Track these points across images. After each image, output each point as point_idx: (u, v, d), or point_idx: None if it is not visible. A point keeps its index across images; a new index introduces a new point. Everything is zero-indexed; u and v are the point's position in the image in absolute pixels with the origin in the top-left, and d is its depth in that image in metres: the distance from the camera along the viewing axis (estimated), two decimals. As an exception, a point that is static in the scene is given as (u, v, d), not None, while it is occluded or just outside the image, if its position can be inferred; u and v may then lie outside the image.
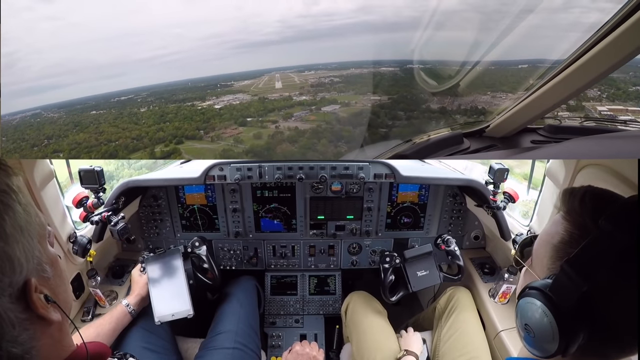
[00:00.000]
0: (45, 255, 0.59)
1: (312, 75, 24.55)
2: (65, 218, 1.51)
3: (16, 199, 0.55)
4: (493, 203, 1.63)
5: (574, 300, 0.57)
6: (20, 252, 0.54)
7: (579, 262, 0.58)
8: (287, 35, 68.57)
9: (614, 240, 0.55)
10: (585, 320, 0.58)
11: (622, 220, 0.56)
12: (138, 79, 41.72)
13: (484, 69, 13.61)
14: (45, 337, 0.57)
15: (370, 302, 1.73)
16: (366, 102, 18.53)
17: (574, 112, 11.19)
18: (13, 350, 0.52)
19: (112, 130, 18.78)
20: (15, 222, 0.54)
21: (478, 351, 1.47)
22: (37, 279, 0.56)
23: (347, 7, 51.82)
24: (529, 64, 14.40)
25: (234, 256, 2.01)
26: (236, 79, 26.36)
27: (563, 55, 1.22)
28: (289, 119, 18.49)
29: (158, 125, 18.75)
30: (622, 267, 0.56)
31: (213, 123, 18.69)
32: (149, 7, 70.60)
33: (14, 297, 0.52)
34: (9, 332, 0.51)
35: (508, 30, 6.86)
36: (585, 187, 0.64)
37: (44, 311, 0.56)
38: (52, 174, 1.39)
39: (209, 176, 1.72)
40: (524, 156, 1.68)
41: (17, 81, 47.29)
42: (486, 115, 1.77)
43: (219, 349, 1.43)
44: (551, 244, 0.64)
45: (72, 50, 53.70)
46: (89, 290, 1.62)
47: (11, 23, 57.16)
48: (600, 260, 0.56)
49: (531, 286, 0.64)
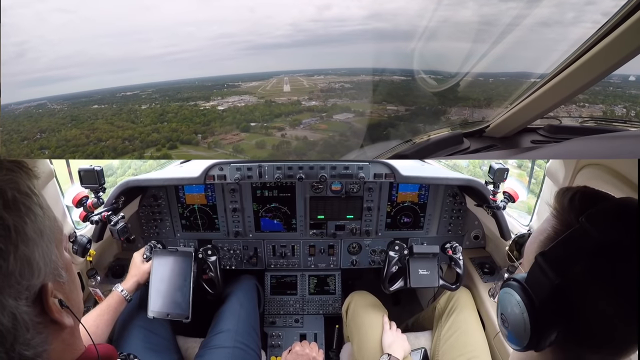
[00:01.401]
0: (62, 260, 0.60)
1: (322, 79, 23.35)
2: (65, 218, 1.51)
3: (37, 202, 0.55)
4: (493, 203, 1.63)
5: (546, 293, 0.57)
6: (40, 256, 0.54)
7: (553, 255, 0.58)
8: (298, 39, 68.42)
9: (590, 238, 0.55)
10: (558, 316, 0.57)
11: (602, 219, 0.56)
12: (147, 75, 41.52)
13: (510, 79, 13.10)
14: (57, 341, 0.58)
15: (372, 302, 1.73)
16: (382, 112, 16.52)
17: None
18: (25, 353, 0.52)
19: (105, 127, 17.41)
20: (36, 226, 0.54)
21: (478, 351, 1.48)
22: (53, 284, 0.56)
23: (359, 14, 51.64)
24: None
25: (234, 256, 2.01)
26: (244, 80, 25.27)
27: (563, 55, 1.22)
28: (297, 127, 16.81)
29: (155, 125, 17.29)
30: (595, 265, 0.55)
31: (213, 127, 17.02)
32: (161, 4, 70.36)
33: (30, 301, 0.52)
34: (23, 335, 0.51)
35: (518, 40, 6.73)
36: (580, 187, 0.64)
37: (58, 316, 0.56)
38: (52, 173, 1.39)
39: (208, 176, 1.72)
40: (524, 156, 1.68)
41: (27, 71, 47.10)
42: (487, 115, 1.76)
43: (219, 348, 1.43)
44: (539, 241, 0.65)
45: (82, 43, 53.35)
46: (89, 289, 1.62)
47: (22, 13, 56.82)
48: (574, 256, 0.56)
49: (512, 277, 0.65)
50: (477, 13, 19.69)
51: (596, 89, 13.99)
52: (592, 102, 14.55)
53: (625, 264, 0.54)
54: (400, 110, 15.98)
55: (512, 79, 15.11)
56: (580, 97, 12.43)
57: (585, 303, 0.57)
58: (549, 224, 0.64)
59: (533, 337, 0.59)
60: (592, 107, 14.11)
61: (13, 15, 40.24)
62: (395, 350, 1.44)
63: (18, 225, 0.51)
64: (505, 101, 1.53)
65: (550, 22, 15.82)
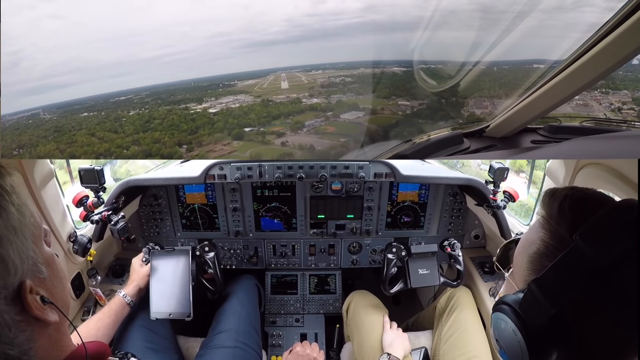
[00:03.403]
0: (41, 255, 0.59)
1: (320, 74, 21.77)
2: (66, 217, 1.51)
3: (9, 200, 0.54)
4: (493, 202, 1.64)
5: (543, 321, 0.55)
6: (15, 253, 0.53)
7: (547, 282, 0.54)
8: (294, 34, 67.93)
9: (586, 259, 0.51)
10: (556, 343, 0.55)
11: (597, 236, 0.52)
12: (143, 78, 40.89)
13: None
14: (42, 338, 0.57)
15: (372, 301, 1.73)
16: (395, 109, 14.33)
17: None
18: (10, 352, 0.52)
19: (84, 140, 15.38)
20: (9, 224, 0.53)
21: (478, 350, 1.48)
22: (33, 280, 0.56)
23: (354, 6, 51.16)
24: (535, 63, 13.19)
25: (234, 255, 2.01)
26: (240, 79, 23.84)
27: (563, 55, 1.22)
28: (299, 131, 14.29)
29: (137, 135, 15.10)
30: (594, 290, 0.52)
31: (201, 135, 14.54)
32: (153, 5, 70.01)
33: (9, 300, 0.52)
34: (5, 334, 0.51)
35: (518, 29, 6.57)
36: (568, 190, 0.59)
37: (39, 312, 0.55)
38: (52, 173, 1.39)
39: (209, 175, 1.72)
40: (524, 156, 1.68)
41: (23, 80, 46.53)
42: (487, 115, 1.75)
43: (220, 347, 1.43)
44: (528, 254, 0.61)
45: (77, 49, 52.74)
46: (89, 289, 1.62)
47: (14, 21, 56.35)
48: (570, 282, 0.52)
49: (504, 300, 0.61)
50: (474, 1, 19.20)
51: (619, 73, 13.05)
52: (615, 87, 13.75)
53: (625, 281, 0.52)
54: (414, 105, 13.94)
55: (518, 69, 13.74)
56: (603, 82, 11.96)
57: (584, 328, 0.54)
58: (538, 235, 0.60)
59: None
60: (617, 93, 13.57)
61: (5, 24, 39.74)
62: (395, 350, 1.44)
63: None
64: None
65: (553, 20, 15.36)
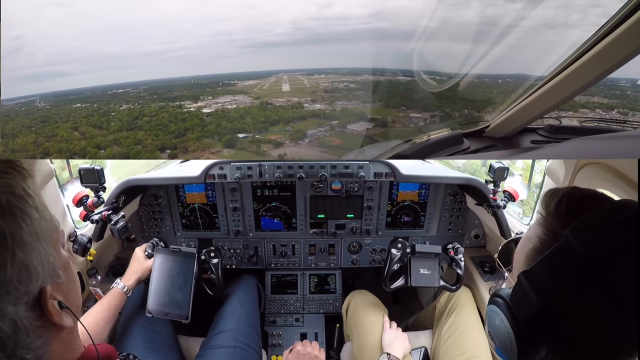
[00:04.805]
0: (59, 260, 0.59)
1: (323, 78, 21.13)
2: (66, 217, 1.51)
3: (32, 205, 0.54)
4: (493, 202, 1.64)
5: (531, 313, 0.55)
6: (37, 260, 0.53)
7: (535, 275, 0.55)
8: (298, 37, 67.59)
9: (574, 253, 0.52)
10: (545, 339, 0.55)
11: (586, 231, 0.52)
12: (145, 72, 40.73)
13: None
14: (57, 342, 0.57)
15: (372, 301, 1.73)
16: (406, 122, 13.13)
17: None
18: (27, 356, 0.52)
19: (64, 135, 14.35)
20: (32, 229, 0.53)
21: (478, 350, 1.48)
22: (52, 286, 0.56)
23: (361, 13, 50.84)
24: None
25: (234, 255, 2.01)
26: (241, 79, 23.32)
27: (563, 55, 1.22)
28: (300, 141, 12.88)
29: (120, 133, 13.92)
30: (581, 285, 0.52)
31: (188, 138, 13.20)
32: (159, 0, 69.78)
33: (29, 306, 0.52)
34: (23, 339, 0.51)
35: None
36: (568, 189, 0.60)
37: (57, 318, 0.56)
38: (52, 173, 1.39)
39: (209, 175, 1.72)
40: (524, 156, 1.69)
41: (24, 66, 46.18)
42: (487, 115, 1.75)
43: (220, 347, 1.43)
44: (525, 251, 0.61)
45: (80, 38, 52.13)
46: (89, 289, 1.62)
47: (17, 7, 55.89)
48: (557, 275, 0.53)
49: (497, 293, 0.62)
50: (481, 13, 18.73)
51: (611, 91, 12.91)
52: (632, 108, 13.75)
53: (614, 277, 0.52)
54: (426, 117, 13.10)
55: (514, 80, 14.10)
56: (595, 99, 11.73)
57: (571, 321, 0.54)
58: (535, 232, 0.61)
59: (521, 355, 0.57)
60: (636, 114, 13.53)
61: (8, 8, 39.34)
62: (395, 350, 1.44)
63: (14, 231, 0.50)
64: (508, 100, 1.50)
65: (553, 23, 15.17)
